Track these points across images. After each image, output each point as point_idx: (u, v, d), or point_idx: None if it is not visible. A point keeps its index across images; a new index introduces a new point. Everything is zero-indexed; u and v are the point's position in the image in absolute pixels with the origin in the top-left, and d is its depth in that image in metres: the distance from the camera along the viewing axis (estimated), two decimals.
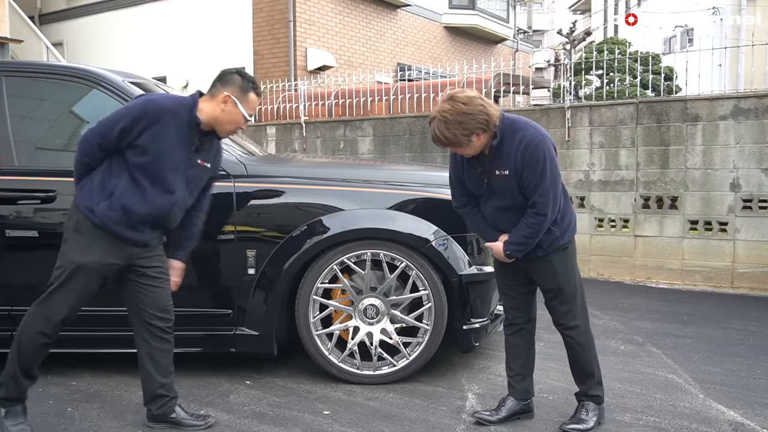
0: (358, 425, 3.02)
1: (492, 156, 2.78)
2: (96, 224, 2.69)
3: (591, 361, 2.98)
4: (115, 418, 3.09)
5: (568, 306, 2.91)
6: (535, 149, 2.70)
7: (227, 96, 2.77)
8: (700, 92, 6.59)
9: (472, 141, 2.71)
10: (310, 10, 12.65)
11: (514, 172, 2.74)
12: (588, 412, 2.97)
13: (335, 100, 8.83)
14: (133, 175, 2.70)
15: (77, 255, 2.71)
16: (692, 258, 6.36)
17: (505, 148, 2.75)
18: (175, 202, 2.80)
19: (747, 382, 3.66)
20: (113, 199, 2.68)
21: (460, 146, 2.75)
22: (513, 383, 3.07)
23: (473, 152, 2.79)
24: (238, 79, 2.82)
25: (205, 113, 2.78)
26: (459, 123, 2.67)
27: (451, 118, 2.68)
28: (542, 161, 2.70)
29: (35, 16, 15.10)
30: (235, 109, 2.79)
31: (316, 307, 3.51)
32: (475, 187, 2.92)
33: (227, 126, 2.83)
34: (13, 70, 3.78)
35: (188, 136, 2.76)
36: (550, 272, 2.89)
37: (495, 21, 17.44)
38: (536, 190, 2.71)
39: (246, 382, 3.58)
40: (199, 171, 2.87)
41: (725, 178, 6.19)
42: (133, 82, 3.75)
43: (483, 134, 2.71)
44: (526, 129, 2.75)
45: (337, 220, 3.46)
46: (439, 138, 2.73)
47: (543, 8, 38.70)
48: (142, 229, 2.75)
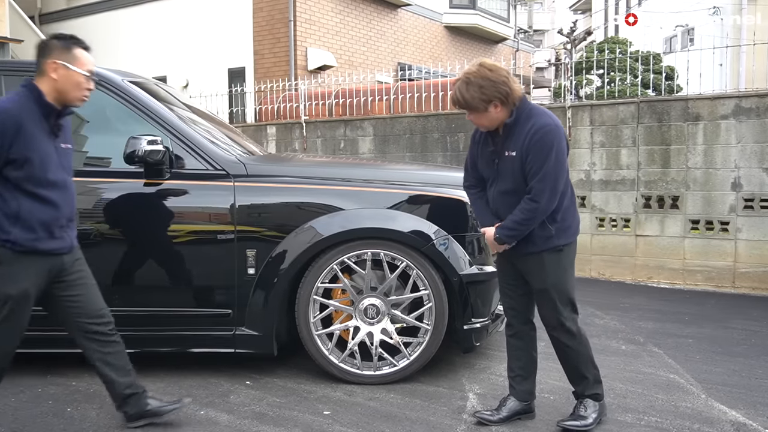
0: (358, 425, 3.01)
1: (505, 136, 2.79)
2: (19, 252, 2.56)
3: (583, 363, 2.97)
4: (114, 419, 3.07)
5: (555, 309, 2.89)
6: (545, 135, 2.70)
7: (53, 62, 2.61)
8: (701, 91, 6.58)
9: (489, 110, 2.72)
10: (311, 10, 12.64)
11: (519, 155, 2.74)
12: (587, 408, 2.96)
13: (335, 100, 8.82)
14: (25, 189, 2.56)
15: (10, 287, 2.58)
16: (693, 258, 6.35)
17: (517, 129, 2.76)
18: (73, 192, 2.73)
19: (749, 382, 3.64)
20: (22, 220, 2.56)
21: (476, 111, 2.75)
22: (514, 384, 3.07)
23: (489, 124, 2.79)
24: (56, 42, 2.67)
25: (48, 91, 2.62)
26: (479, 87, 2.69)
27: (473, 79, 2.71)
28: (548, 148, 2.69)
29: (35, 16, 15.11)
30: (69, 72, 2.63)
31: (316, 306, 3.49)
32: (486, 168, 2.91)
33: (73, 92, 2.67)
34: (13, 69, 3.77)
35: (49, 127, 2.64)
36: (541, 272, 2.87)
37: (495, 21, 17.43)
38: (536, 176, 2.71)
39: (246, 382, 3.57)
40: (66, 154, 2.74)
41: (726, 178, 6.18)
42: (132, 81, 3.74)
43: (501, 107, 2.73)
44: (541, 116, 2.76)
45: (338, 220, 3.45)
46: (457, 98, 2.75)
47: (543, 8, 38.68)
48: (61, 234, 2.67)
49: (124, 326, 3.52)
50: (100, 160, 3.70)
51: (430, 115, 7.77)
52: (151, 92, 3.77)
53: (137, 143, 3.31)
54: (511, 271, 3.00)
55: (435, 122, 7.70)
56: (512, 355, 3.07)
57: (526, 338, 3.05)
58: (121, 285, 3.54)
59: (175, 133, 3.55)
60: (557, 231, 2.84)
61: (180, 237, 3.52)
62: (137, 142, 3.32)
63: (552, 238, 2.84)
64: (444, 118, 7.66)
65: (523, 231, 2.79)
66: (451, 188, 3.65)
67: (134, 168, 3.43)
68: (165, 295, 3.57)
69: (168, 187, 3.51)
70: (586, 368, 2.97)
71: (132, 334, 3.53)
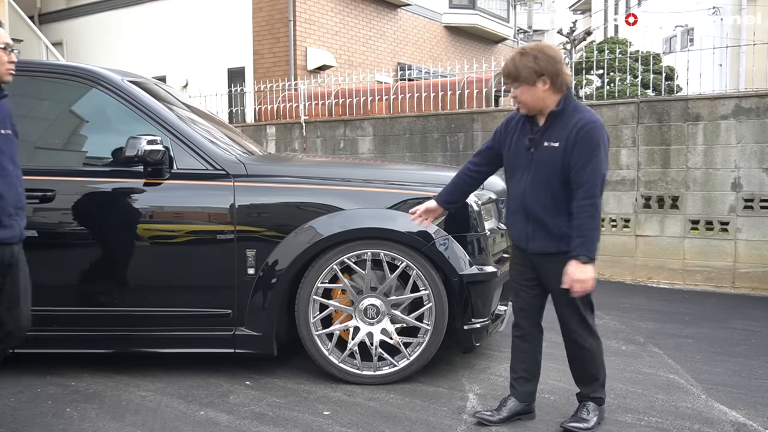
0: (358, 426, 3.01)
1: (546, 126, 2.77)
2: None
3: (596, 365, 2.96)
4: (114, 419, 3.07)
5: (576, 309, 2.87)
6: (593, 131, 2.69)
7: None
8: (701, 92, 6.58)
9: (537, 85, 2.70)
10: (310, 10, 12.64)
11: (563, 148, 2.71)
12: (589, 411, 2.96)
13: (335, 100, 8.81)
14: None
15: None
16: (693, 258, 6.35)
17: (561, 121, 2.74)
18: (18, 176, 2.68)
19: (749, 382, 3.64)
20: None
21: (524, 84, 2.71)
22: (515, 385, 3.05)
23: (532, 102, 2.74)
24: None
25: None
26: (534, 57, 2.68)
27: (529, 50, 2.72)
28: (597, 143, 2.68)
29: (35, 16, 15.09)
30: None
31: (316, 307, 3.49)
32: (516, 159, 2.86)
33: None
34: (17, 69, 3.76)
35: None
36: (561, 273, 2.79)
37: (495, 21, 17.43)
38: (585, 169, 2.67)
39: (246, 382, 3.57)
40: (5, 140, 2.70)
41: (726, 178, 6.18)
42: (132, 81, 3.74)
43: (550, 86, 2.70)
44: (588, 112, 2.76)
45: (338, 220, 3.45)
46: (509, 67, 2.74)
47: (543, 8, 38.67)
48: (9, 222, 2.62)
49: (123, 326, 3.54)
50: (100, 159, 3.69)
51: (429, 115, 7.77)
52: (151, 92, 3.77)
53: (137, 143, 3.31)
54: (527, 271, 2.96)
55: (435, 122, 7.70)
56: (517, 357, 3.05)
57: (533, 341, 3.02)
58: (121, 285, 3.54)
59: (174, 133, 3.55)
60: None
61: (179, 237, 3.52)
62: (137, 141, 3.31)
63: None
64: (444, 118, 7.66)
65: (596, 236, 2.73)
66: None
67: (134, 168, 3.43)
68: (164, 296, 3.56)
69: (168, 187, 3.50)
70: (598, 370, 2.96)
71: (131, 334, 3.54)
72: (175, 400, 3.29)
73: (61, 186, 3.48)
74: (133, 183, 3.49)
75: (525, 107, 2.80)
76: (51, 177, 3.51)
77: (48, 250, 3.57)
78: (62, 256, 3.58)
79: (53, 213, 3.49)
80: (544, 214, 2.80)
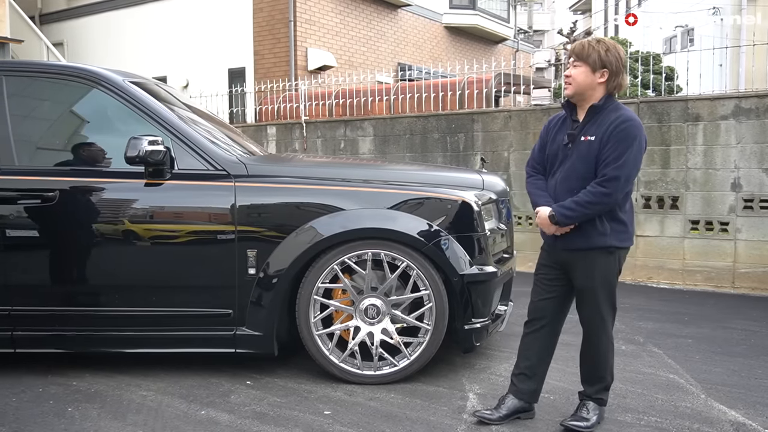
0: (359, 425, 3.02)
1: (586, 121, 2.81)
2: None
3: (605, 367, 2.96)
4: (115, 418, 3.08)
5: (599, 309, 2.87)
6: (631, 128, 2.72)
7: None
8: (701, 92, 6.59)
9: (597, 72, 2.78)
10: (311, 10, 12.65)
11: (599, 141, 2.75)
12: (589, 411, 2.96)
13: (336, 100, 8.82)
14: None
15: None
16: (693, 258, 6.36)
17: (602, 117, 2.78)
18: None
19: (748, 382, 3.65)
20: None
21: (585, 64, 2.78)
22: (515, 381, 3.05)
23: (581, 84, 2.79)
24: None
25: None
26: (607, 50, 2.78)
27: (606, 42, 2.82)
28: (631, 140, 2.71)
29: (36, 16, 15.10)
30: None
31: (316, 306, 3.50)
32: (556, 152, 2.90)
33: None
34: (13, 69, 3.78)
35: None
36: (589, 270, 2.82)
37: (495, 21, 17.44)
38: (612, 164, 2.69)
39: (247, 382, 3.58)
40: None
41: (726, 178, 6.18)
42: (133, 81, 3.75)
43: (605, 82, 2.79)
44: (628, 111, 2.80)
45: (338, 220, 3.46)
46: (581, 46, 2.82)
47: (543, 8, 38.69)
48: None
49: (125, 326, 3.55)
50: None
51: (430, 116, 7.77)
52: (152, 92, 3.77)
53: (138, 143, 3.32)
54: (550, 271, 2.97)
55: (435, 122, 7.70)
56: (523, 354, 3.04)
57: (542, 340, 3.01)
58: (122, 285, 3.55)
59: (175, 134, 3.55)
60: (613, 231, 2.81)
61: (180, 237, 3.52)
62: (138, 142, 3.32)
63: (606, 236, 2.81)
64: (444, 119, 7.67)
65: (581, 214, 2.74)
66: (451, 188, 3.65)
67: (135, 168, 3.44)
68: (166, 295, 3.57)
69: (169, 187, 3.51)
70: (606, 372, 2.97)
71: (133, 334, 3.55)
72: (176, 399, 3.30)
73: (63, 186, 3.49)
74: (135, 183, 3.50)
75: (573, 88, 2.84)
76: (52, 177, 3.52)
77: (49, 250, 3.59)
78: (63, 256, 3.59)
79: (54, 213, 3.50)
80: None
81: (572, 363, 3.60)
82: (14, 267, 3.52)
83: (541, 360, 3.03)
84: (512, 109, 7.69)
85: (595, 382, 2.98)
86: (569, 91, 2.86)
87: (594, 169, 2.76)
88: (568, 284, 2.94)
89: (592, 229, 2.80)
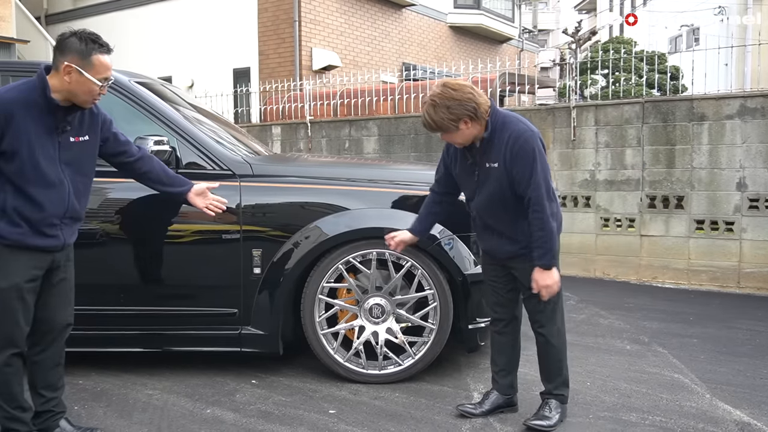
0: (363, 424, 3.03)
1: (483, 148, 2.83)
2: (6, 245, 2.48)
3: (561, 361, 3.02)
4: (121, 417, 3.10)
5: (542, 306, 2.93)
6: (525, 143, 2.75)
7: (68, 66, 2.46)
8: (706, 91, 6.57)
9: (460, 128, 2.77)
10: (315, 10, 12.66)
11: (503, 165, 2.78)
12: (551, 409, 3.00)
13: (340, 100, 8.83)
14: (14, 183, 2.47)
15: (1, 281, 2.48)
16: (698, 258, 6.34)
17: (495, 140, 2.80)
18: (68, 191, 2.57)
19: (753, 382, 3.64)
20: (8, 214, 2.47)
21: (447, 132, 2.80)
22: (497, 378, 3.13)
23: (463, 141, 2.83)
24: (75, 42, 2.48)
25: (57, 89, 2.49)
26: (447, 107, 2.73)
27: (439, 101, 2.74)
28: (531, 155, 2.74)
29: (41, 17, 15.18)
30: (82, 78, 2.48)
31: (321, 306, 3.51)
32: (465, 180, 2.96)
33: (82, 96, 2.53)
34: (18, 70, 3.79)
35: (51, 121, 2.51)
36: (529, 273, 2.87)
37: (500, 20, 17.43)
38: (529, 185, 2.74)
39: (252, 381, 3.59)
40: (78, 149, 2.62)
41: (732, 178, 6.17)
42: (139, 81, 3.76)
43: (471, 122, 2.76)
44: (516, 123, 2.81)
45: (343, 220, 3.47)
46: (428, 121, 2.79)
47: (548, 7, 38.64)
48: (53, 232, 2.56)
49: (130, 325, 3.56)
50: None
51: None
52: (157, 92, 3.79)
53: (144, 143, 3.33)
54: (498, 269, 3.04)
55: None
56: (497, 350, 3.13)
57: (511, 334, 3.10)
58: (127, 284, 3.56)
59: (181, 134, 3.56)
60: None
61: (186, 236, 3.54)
62: (144, 142, 3.33)
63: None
64: None
65: (552, 242, 2.78)
66: None
67: None
68: (171, 295, 3.58)
69: None
70: (562, 366, 3.02)
71: (138, 333, 3.57)
72: (181, 398, 3.32)
73: None
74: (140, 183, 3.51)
75: (458, 144, 2.89)
76: None
77: None
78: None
79: None
80: (502, 226, 2.90)
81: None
82: None
83: (514, 352, 3.13)
84: (517, 108, 7.69)
85: (552, 378, 3.02)
86: (460, 147, 2.90)
87: (509, 190, 2.80)
88: (512, 275, 3.00)
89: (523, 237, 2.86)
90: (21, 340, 2.58)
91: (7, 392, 2.58)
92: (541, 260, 2.79)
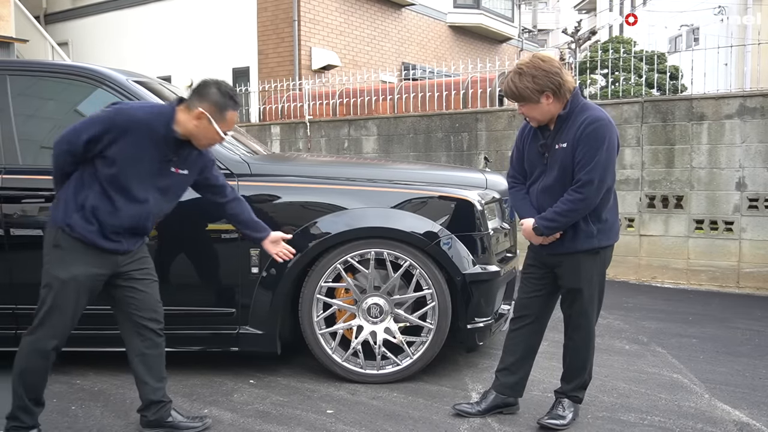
0: (361, 424, 3.02)
1: (557, 129, 2.77)
2: (75, 238, 2.60)
3: (585, 365, 2.99)
4: (119, 417, 3.09)
5: (583, 310, 2.89)
6: (599, 128, 2.68)
7: (202, 113, 2.62)
8: (705, 91, 6.57)
9: (541, 101, 2.71)
10: (315, 10, 12.66)
11: (571, 146, 2.72)
12: (565, 408, 2.98)
13: (339, 100, 8.83)
14: (102, 185, 2.60)
15: (61, 271, 2.60)
16: (697, 257, 6.34)
17: (570, 122, 2.74)
18: (149, 211, 2.71)
19: (752, 382, 3.64)
20: (86, 211, 2.59)
21: (529, 102, 2.73)
22: (499, 376, 3.08)
23: (540, 117, 2.77)
24: (216, 94, 2.64)
25: (181, 126, 2.65)
26: (532, 77, 2.68)
27: (526, 70, 2.70)
28: (601, 140, 2.67)
29: (40, 16, 15.16)
30: (210, 127, 2.64)
31: (319, 306, 3.50)
32: (534, 162, 2.88)
33: (203, 141, 2.70)
34: (18, 69, 3.79)
35: (163, 150, 2.65)
36: (575, 271, 2.82)
37: (500, 20, 17.42)
38: (584, 168, 2.67)
39: (249, 381, 3.58)
40: (174, 180, 2.76)
41: (731, 178, 6.16)
42: (137, 81, 3.75)
43: (553, 98, 2.71)
44: (595, 110, 2.75)
45: (341, 219, 3.46)
46: (510, 89, 2.74)
47: (548, 7, 38.64)
48: (119, 239, 2.67)
49: None
50: None
51: (434, 115, 7.77)
52: (156, 92, 3.78)
53: None
54: (539, 268, 2.97)
55: (439, 122, 7.70)
56: (509, 350, 3.07)
57: (525, 337, 3.03)
58: None
59: None
60: (599, 231, 2.80)
61: (184, 236, 3.53)
62: None
63: (593, 238, 2.80)
64: (448, 118, 7.66)
65: (563, 223, 2.74)
66: (454, 187, 3.65)
67: None
68: (169, 294, 3.55)
69: None
70: (585, 370, 2.99)
71: None
72: (179, 398, 3.31)
73: None
74: None
75: (534, 121, 2.82)
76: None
77: None
78: None
79: None
80: None
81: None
82: (18, 266, 3.52)
83: (526, 356, 3.06)
84: (516, 108, 7.67)
85: (572, 379, 3.00)
86: (534, 124, 2.85)
87: (571, 174, 2.74)
88: (554, 282, 2.96)
89: (578, 231, 2.80)
90: (64, 336, 2.68)
91: (32, 382, 2.67)
92: (540, 221, 2.75)
